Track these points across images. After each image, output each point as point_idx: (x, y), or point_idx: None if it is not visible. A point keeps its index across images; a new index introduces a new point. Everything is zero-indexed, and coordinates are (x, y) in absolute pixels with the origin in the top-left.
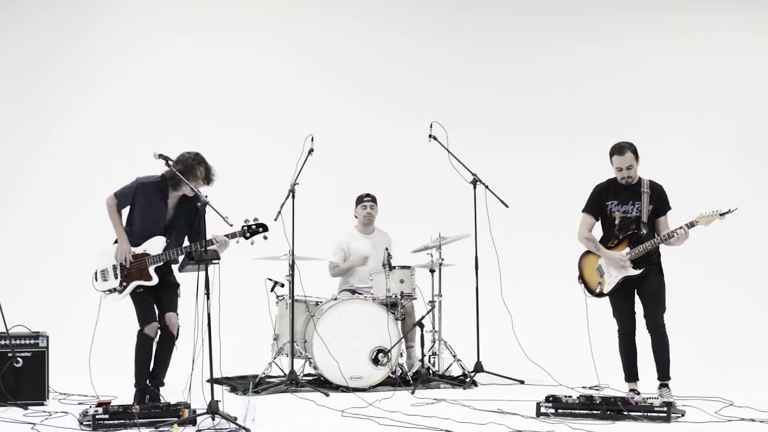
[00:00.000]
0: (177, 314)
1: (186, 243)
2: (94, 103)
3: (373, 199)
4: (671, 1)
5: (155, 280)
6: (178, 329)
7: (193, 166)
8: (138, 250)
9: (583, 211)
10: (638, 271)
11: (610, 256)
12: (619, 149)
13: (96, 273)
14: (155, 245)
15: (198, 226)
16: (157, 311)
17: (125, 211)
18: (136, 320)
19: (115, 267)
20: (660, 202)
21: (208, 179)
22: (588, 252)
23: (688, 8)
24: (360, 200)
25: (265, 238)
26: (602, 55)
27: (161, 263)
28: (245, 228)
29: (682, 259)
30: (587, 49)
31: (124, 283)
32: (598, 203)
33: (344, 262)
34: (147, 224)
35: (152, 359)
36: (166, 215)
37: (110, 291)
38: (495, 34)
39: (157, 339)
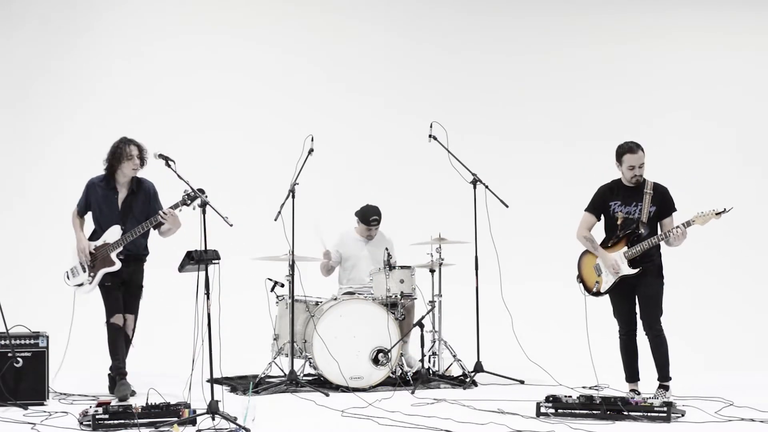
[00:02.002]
0: (135, 317)
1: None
2: (96, 105)
3: (379, 221)
4: (672, 1)
5: (118, 264)
6: (133, 332)
7: (121, 147)
8: (98, 242)
9: (586, 210)
10: (634, 271)
11: (605, 257)
12: (631, 148)
13: (66, 273)
14: (112, 234)
15: (156, 209)
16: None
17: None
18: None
19: (82, 264)
20: (664, 204)
21: (141, 158)
22: (587, 251)
23: (688, 9)
24: (366, 221)
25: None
26: (602, 56)
27: (120, 248)
28: (185, 196)
29: (684, 258)
30: (587, 49)
31: (92, 274)
32: (601, 203)
33: (334, 260)
34: (105, 215)
35: (123, 342)
36: (118, 203)
37: (81, 284)
38: (495, 35)
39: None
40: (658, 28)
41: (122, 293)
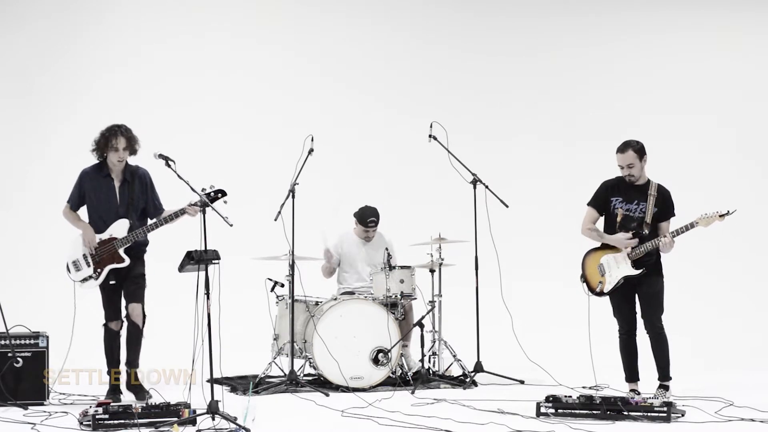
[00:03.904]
0: (142, 305)
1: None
2: (96, 104)
3: (377, 222)
4: (671, 1)
5: (127, 261)
6: (143, 319)
7: (108, 138)
8: (104, 235)
9: (588, 204)
10: (638, 271)
11: (615, 239)
12: (620, 147)
13: (68, 265)
14: (120, 228)
15: (153, 199)
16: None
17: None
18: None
19: (85, 255)
20: (664, 207)
21: (131, 148)
22: (591, 250)
23: (688, 8)
24: (364, 222)
25: (225, 202)
26: (602, 56)
27: (129, 244)
28: (206, 196)
29: (684, 257)
30: (587, 49)
31: (99, 270)
32: (603, 198)
33: (334, 261)
34: (102, 204)
35: (119, 349)
36: (115, 191)
37: (86, 279)
38: (495, 34)
39: (124, 330)
40: (658, 28)
41: (123, 287)
